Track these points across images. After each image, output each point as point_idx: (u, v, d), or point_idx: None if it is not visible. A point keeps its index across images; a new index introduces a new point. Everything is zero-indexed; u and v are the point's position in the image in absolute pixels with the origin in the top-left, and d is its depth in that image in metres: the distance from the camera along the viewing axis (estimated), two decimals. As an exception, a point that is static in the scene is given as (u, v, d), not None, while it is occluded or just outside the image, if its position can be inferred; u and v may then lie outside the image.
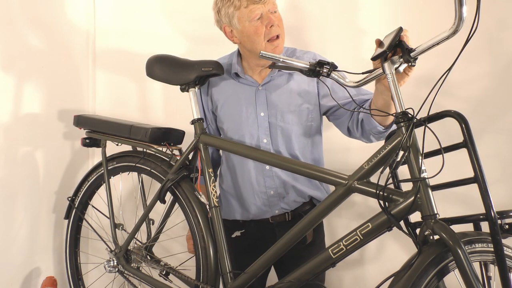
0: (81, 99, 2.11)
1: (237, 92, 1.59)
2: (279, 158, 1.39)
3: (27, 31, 1.74)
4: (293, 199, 1.57)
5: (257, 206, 1.58)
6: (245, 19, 1.45)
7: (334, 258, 1.22)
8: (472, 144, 1.04)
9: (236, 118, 1.58)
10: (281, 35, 1.48)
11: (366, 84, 1.27)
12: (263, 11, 1.44)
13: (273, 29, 1.45)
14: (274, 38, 1.47)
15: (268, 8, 1.45)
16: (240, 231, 1.61)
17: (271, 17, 1.45)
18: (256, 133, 1.55)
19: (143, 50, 1.91)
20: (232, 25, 1.49)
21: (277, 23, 1.46)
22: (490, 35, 1.74)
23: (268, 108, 1.55)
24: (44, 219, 1.90)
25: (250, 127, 1.56)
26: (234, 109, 1.58)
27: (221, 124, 1.63)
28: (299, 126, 1.55)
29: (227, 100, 1.60)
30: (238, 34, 1.50)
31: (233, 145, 1.49)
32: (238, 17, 1.45)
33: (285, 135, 1.55)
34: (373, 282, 1.18)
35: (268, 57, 1.28)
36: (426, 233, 1.09)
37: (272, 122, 1.55)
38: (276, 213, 1.58)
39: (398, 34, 1.13)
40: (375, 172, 1.20)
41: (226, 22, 1.50)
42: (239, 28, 1.47)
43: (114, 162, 1.73)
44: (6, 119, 1.66)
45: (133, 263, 1.65)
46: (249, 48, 1.50)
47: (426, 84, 1.17)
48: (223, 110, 1.61)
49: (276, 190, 1.56)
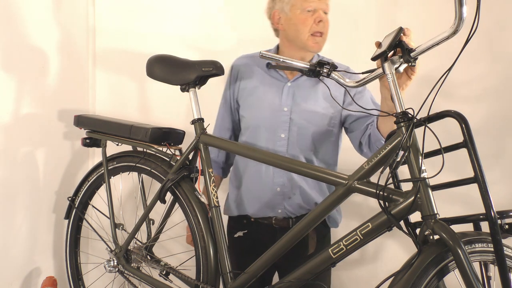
0: (81, 99, 2.11)
1: (265, 84, 1.60)
2: (279, 158, 1.39)
3: (27, 31, 1.74)
4: (298, 203, 1.57)
5: (261, 202, 1.58)
6: (298, 8, 1.50)
7: (334, 258, 1.22)
8: (472, 144, 1.04)
9: (258, 108, 1.59)
10: (324, 35, 1.52)
11: (366, 84, 1.27)
12: (316, 6, 1.49)
13: (320, 24, 1.49)
14: (318, 34, 1.50)
15: (322, 6, 1.50)
16: (242, 232, 1.61)
17: (321, 14, 1.49)
18: (275, 127, 1.56)
19: (143, 50, 1.92)
20: (283, 11, 1.53)
21: (324, 21, 1.50)
22: (490, 35, 1.74)
23: (292, 105, 1.56)
24: (44, 219, 1.90)
25: (270, 119, 1.57)
26: (259, 99, 1.60)
27: (243, 112, 1.65)
28: (320, 128, 1.56)
29: (253, 89, 1.62)
30: (285, 21, 1.54)
31: (233, 145, 1.50)
32: (292, 4, 1.50)
33: (304, 134, 1.55)
34: (373, 282, 1.18)
35: (268, 57, 1.29)
36: (426, 233, 1.09)
37: (293, 118, 1.55)
38: (279, 213, 1.58)
39: (398, 34, 1.13)
40: (375, 172, 1.20)
41: (279, 7, 1.54)
42: (289, 15, 1.52)
43: (114, 162, 1.73)
44: (6, 119, 1.66)
45: (133, 263, 1.65)
46: (292, 37, 1.54)
47: (426, 84, 1.17)
48: (247, 98, 1.63)
49: (282, 188, 1.56)
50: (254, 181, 1.60)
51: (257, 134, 1.59)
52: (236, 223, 1.66)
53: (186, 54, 1.62)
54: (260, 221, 1.61)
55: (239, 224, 1.65)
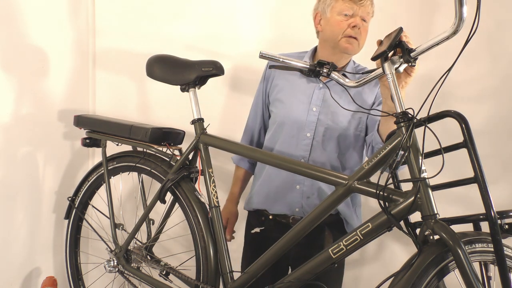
0: (81, 99, 2.11)
1: (298, 83, 1.61)
2: (279, 158, 1.39)
3: (27, 31, 1.74)
4: (316, 203, 1.52)
5: (280, 198, 1.58)
6: (336, 10, 1.51)
7: (334, 258, 1.22)
8: (472, 144, 1.04)
9: (287, 105, 1.59)
10: (359, 40, 1.52)
11: (366, 84, 1.27)
12: (355, 11, 1.49)
13: (354, 30, 1.50)
14: (352, 37, 1.51)
15: (361, 13, 1.50)
16: (260, 228, 1.61)
17: (358, 21, 1.50)
18: (302, 125, 1.56)
19: (143, 50, 1.91)
20: (324, 12, 1.55)
21: (360, 27, 1.50)
22: (490, 35, 1.74)
23: (322, 105, 1.56)
24: (44, 219, 1.90)
25: (297, 117, 1.57)
26: (289, 96, 1.60)
27: (272, 107, 1.65)
28: (347, 131, 1.55)
29: (286, 86, 1.62)
30: (324, 22, 1.56)
31: (233, 145, 1.50)
32: (333, 6, 1.52)
33: (330, 135, 1.55)
34: (373, 282, 1.18)
35: (268, 56, 1.29)
36: (426, 233, 1.09)
37: (321, 119, 1.55)
38: (297, 212, 1.57)
39: (398, 34, 1.13)
40: (375, 172, 1.20)
41: (321, 9, 1.56)
42: (328, 17, 1.53)
43: (114, 162, 1.73)
44: (6, 119, 1.66)
45: (133, 263, 1.65)
46: (327, 37, 1.55)
47: (426, 84, 1.17)
48: (278, 94, 1.63)
49: (302, 186, 1.55)
50: (274, 176, 1.59)
51: (283, 129, 1.59)
52: (254, 219, 1.67)
53: (186, 54, 1.62)
54: (277, 219, 1.61)
55: (257, 221, 1.66)
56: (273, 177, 1.60)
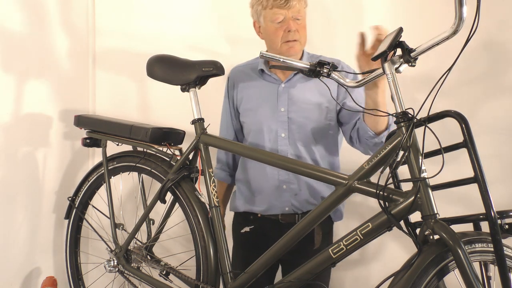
0: (81, 99, 2.11)
1: (261, 88, 1.64)
2: (278, 157, 1.39)
3: (27, 31, 1.74)
4: (306, 198, 1.58)
5: (269, 200, 1.60)
6: (269, 19, 1.55)
7: (334, 258, 1.22)
8: (472, 144, 1.04)
9: (257, 112, 1.63)
10: (299, 40, 1.55)
11: (366, 84, 1.27)
12: (286, 16, 1.52)
13: (290, 34, 1.52)
14: (291, 41, 1.54)
15: (292, 14, 1.52)
16: (249, 227, 1.62)
17: (291, 24, 1.52)
18: (275, 127, 1.59)
19: (143, 50, 1.91)
20: (259, 21, 1.59)
21: (295, 29, 1.52)
22: (490, 35, 1.74)
23: (289, 104, 1.59)
24: (44, 219, 1.90)
25: (269, 121, 1.60)
26: (256, 103, 1.64)
27: (243, 118, 1.69)
28: (318, 123, 1.58)
29: (250, 95, 1.66)
30: (263, 30, 1.60)
31: (233, 145, 1.50)
32: (264, 15, 1.55)
33: (303, 131, 1.58)
34: (373, 282, 1.18)
35: (268, 57, 1.30)
36: (426, 233, 1.09)
37: (291, 117, 1.58)
38: (286, 211, 1.59)
39: (398, 34, 1.13)
40: (375, 172, 1.20)
41: (255, 18, 1.61)
42: (264, 26, 1.58)
43: (114, 162, 1.73)
44: (6, 119, 1.66)
45: (133, 263, 1.65)
46: (269, 45, 1.61)
47: (426, 85, 1.17)
48: (245, 105, 1.67)
49: (289, 185, 1.58)
50: (260, 179, 1.62)
51: (260, 137, 1.62)
52: (243, 219, 1.68)
53: (186, 54, 1.62)
54: (266, 217, 1.63)
55: (246, 220, 1.67)
56: (260, 179, 1.62)
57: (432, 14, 1.78)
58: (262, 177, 1.61)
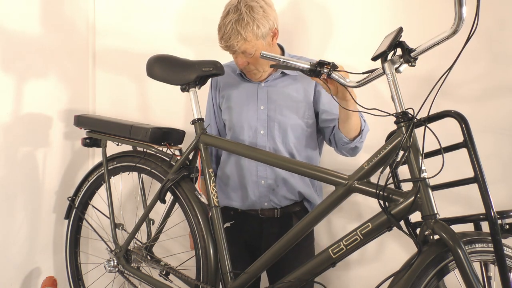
0: (81, 99, 2.11)
1: (241, 88, 1.67)
2: (278, 157, 1.40)
3: (27, 30, 1.74)
4: (283, 194, 1.61)
5: (247, 196, 1.62)
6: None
7: (334, 258, 1.22)
8: (472, 144, 1.04)
9: (237, 110, 1.65)
10: (256, 68, 1.58)
11: (366, 84, 1.27)
12: (234, 53, 1.56)
13: (242, 67, 1.58)
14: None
15: (240, 51, 1.53)
16: (230, 222, 1.63)
17: (239, 60, 1.56)
18: (255, 125, 1.62)
19: (143, 50, 1.91)
20: None
21: (244, 64, 1.56)
22: (490, 35, 1.74)
23: (268, 102, 1.62)
24: (44, 219, 1.90)
25: (249, 118, 1.63)
26: (237, 102, 1.66)
27: (224, 116, 1.71)
28: (296, 121, 1.61)
29: (231, 95, 1.68)
30: None
31: (232, 145, 1.50)
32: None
33: (282, 128, 1.61)
34: (373, 282, 1.18)
35: (269, 57, 1.29)
36: (426, 233, 1.09)
37: (270, 115, 1.61)
38: (265, 206, 1.62)
39: (398, 34, 1.13)
40: (375, 172, 1.20)
41: None
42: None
43: (114, 162, 1.73)
44: (6, 119, 1.66)
45: (133, 263, 1.65)
46: None
47: (426, 84, 1.17)
48: (227, 103, 1.69)
49: (266, 180, 1.60)
50: (239, 174, 1.65)
51: (240, 133, 1.64)
52: (223, 215, 1.67)
53: (186, 54, 1.62)
54: (247, 212, 1.65)
55: (226, 216, 1.67)
56: (238, 175, 1.65)
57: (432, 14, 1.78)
58: (240, 173, 1.64)
